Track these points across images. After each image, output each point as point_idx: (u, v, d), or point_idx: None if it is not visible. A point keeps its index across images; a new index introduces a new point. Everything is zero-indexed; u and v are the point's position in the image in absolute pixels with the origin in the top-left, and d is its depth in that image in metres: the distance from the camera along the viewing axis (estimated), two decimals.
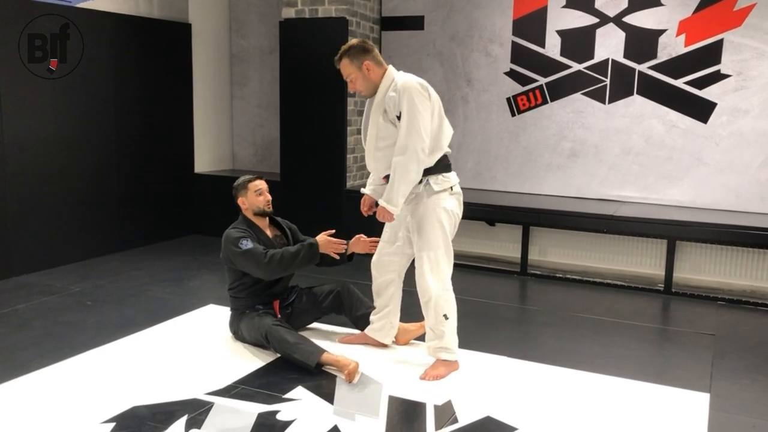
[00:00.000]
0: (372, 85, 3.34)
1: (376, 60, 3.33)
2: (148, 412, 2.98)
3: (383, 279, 3.63)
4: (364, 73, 3.31)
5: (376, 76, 3.32)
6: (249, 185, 3.76)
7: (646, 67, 5.56)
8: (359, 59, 3.30)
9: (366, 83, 3.34)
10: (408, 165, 3.20)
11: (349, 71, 3.35)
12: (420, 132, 3.19)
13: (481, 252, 5.96)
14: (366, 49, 3.32)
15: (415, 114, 3.19)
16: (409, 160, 3.20)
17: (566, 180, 5.97)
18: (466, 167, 6.24)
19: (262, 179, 3.82)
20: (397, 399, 3.17)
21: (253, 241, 3.64)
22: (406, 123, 3.19)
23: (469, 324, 4.19)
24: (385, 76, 3.33)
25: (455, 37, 6.20)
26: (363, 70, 3.31)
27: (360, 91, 3.38)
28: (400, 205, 3.26)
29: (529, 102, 6.00)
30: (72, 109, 5.46)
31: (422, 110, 3.21)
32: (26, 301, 4.52)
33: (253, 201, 3.76)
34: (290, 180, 6.25)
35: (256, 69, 7.07)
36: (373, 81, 3.32)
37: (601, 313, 4.63)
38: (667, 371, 3.65)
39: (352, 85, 3.37)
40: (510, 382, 3.41)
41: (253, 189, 3.75)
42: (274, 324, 3.55)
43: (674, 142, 5.55)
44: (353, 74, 3.34)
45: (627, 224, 5.17)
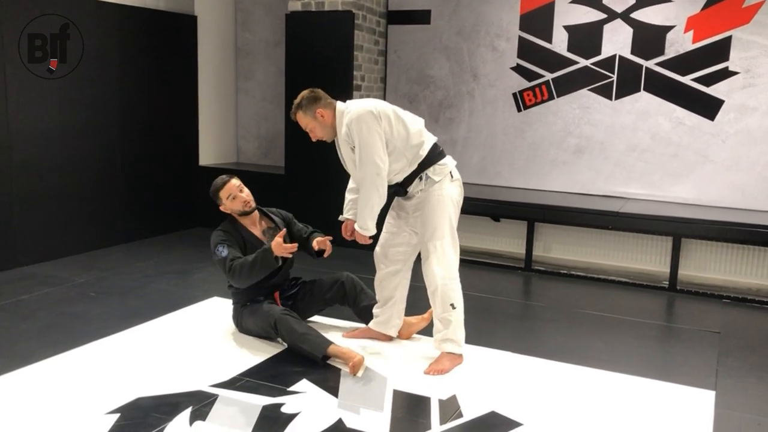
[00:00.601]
0: (330, 128, 3.43)
1: (326, 104, 3.41)
2: (152, 404, 2.98)
3: (388, 270, 3.62)
4: (320, 120, 3.40)
5: (331, 119, 3.41)
6: (220, 194, 3.68)
7: (654, 64, 5.53)
8: (311, 109, 3.39)
9: (324, 129, 3.43)
10: (368, 194, 3.32)
11: (305, 122, 3.44)
12: (372, 159, 3.27)
13: (486, 248, 5.95)
14: (316, 98, 3.41)
15: (365, 144, 3.27)
16: (368, 189, 3.31)
17: (571, 176, 5.95)
18: (471, 162, 6.22)
19: (232, 179, 3.71)
20: (401, 393, 3.17)
21: (231, 246, 3.60)
22: (358, 154, 3.30)
23: (474, 319, 4.16)
24: (336, 114, 3.40)
25: (462, 31, 6.18)
26: (318, 118, 3.40)
27: (321, 137, 3.47)
28: (372, 228, 3.38)
29: (536, 97, 5.98)
30: (77, 101, 5.45)
31: (370, 138, 3.27)
32: (30, 292, 4.52)
33: (230, 206, 3.70)
34: (294, 173, 6.24)
35: (262, 62, 7.05)
36: (329, 125, 3.42)
37: (606, 309, 4.62)
38: (672, 368, 3.63)
39: (313, 134, 3.47)
40: (515, 377, 3.40)
41: (225, 196, 3.68)
42: (283, 313, 3.55)
43: (680, 139, 5.52)
44: (310, 124, 3.43)
45: (632, 221, 5.15)
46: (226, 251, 3.57)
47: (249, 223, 3.75)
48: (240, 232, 3.70)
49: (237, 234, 3.68)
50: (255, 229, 3.76)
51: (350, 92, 5.91)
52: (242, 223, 3.74)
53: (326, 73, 5.92)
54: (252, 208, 3.72)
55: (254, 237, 3.72)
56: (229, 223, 3.73)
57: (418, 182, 3.38)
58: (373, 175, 3.28)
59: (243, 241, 3.68)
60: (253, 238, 3.72)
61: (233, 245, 3.62)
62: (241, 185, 3.72)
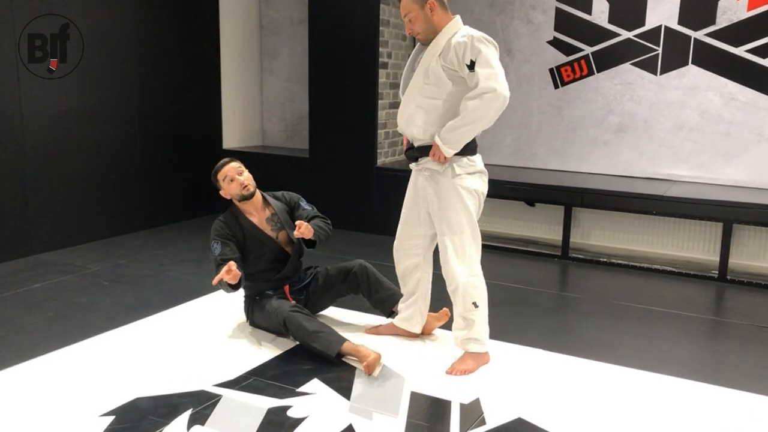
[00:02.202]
0: (432, 29, 2.98)
1: (441, 2, 2.99)
2: (151, 405, 2.77)
3: (407, 264, 3.35)
4: (426, 13, 2.96)
5: (439, 21, 2.97)
6: (218, 176, 3.46)
7: (703, 34, 5.12)
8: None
9: (426, 25, 2.97)
10: (478, 113, 2.86)
11: (409, 9, 2.98)
12: (503, 80, 2.85)
13: (520, 234, 5.62)
14: None
15: (497, 64, 2.85)
16: (483, 108, 2.85)
17: (613, 157, 5.61)
18: (504, 143, 5.89)
19: (232, 161, 3.48)
20: (419, 396, 2.90)
21: (225, 241, 3.36)
22: (488, 67, 2.84)
23: (504, 312, 3.90)
24: (450, 23, 2.98)
25: (494, 3, 5.84)
26: (426, 9, 2.95)
27: (417, 33, 3.02)
28: (458, 149, 2.96)
29: (574, 73, 5.63)
30: (94, 84, 5.28)
31: (498, 62, 2.88)
32: (43, 281, 4.38)
33: (228, 189, 3.46)
34: (319, 156, 6.00)
35: (286, 41, 6.80)
36: (434, 25, 2.97)
37: (649, 302, 4.28)
38: (723, 369, 3.30)
39: (410, 25, 3.01)
40: (545, 378, 3.10)
41: (222, 178, 3.45)
42: (292, 310, 3.30)
43: (733, 117, 5.12)
44: (414, 12, 2.97)
45: (678, 205, 4.81)
46: (219, 248, 3.33)
47: (251, 209, 3.50)
48: (239, 221, 3.46)
49: (236, 224, 3.45)
50: (255, 217, 3.50)
51: (376, 69, 5.62)
52: (243, 210, 3.49)
53: (351, 50, 5.67)
54: (250, 192, 3.45)
55: (254, 227, 3.47)
56: (229, 212, 3.50)
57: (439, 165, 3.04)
58: (505, 94, 2.84)
59: (242, 232, 3.44)
60: (253, 228, 3.47)
61: (228, 240, 3.38)
62: (240, 168, 3.47)
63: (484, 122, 2.92)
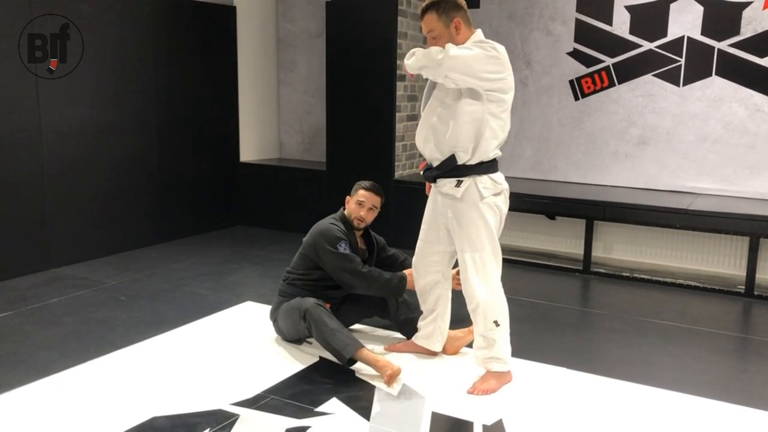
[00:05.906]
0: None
1: (466, 19, 2.91)
2: (167, 424, 2.73)
3: (426, 281, 3.29)
4: (451, 32, 2.87)
5: (463, 39, 2.89)
6: (359, 190, 3.55)
7: (727, 45, 5.02)
8: (449, 15, 2.87)
9: (450, 43, 2.85)
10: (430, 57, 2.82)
11: (433, 26, 2.89)
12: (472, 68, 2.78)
13: (540, 248, 5.53)
14: (459, 5, 2.90)
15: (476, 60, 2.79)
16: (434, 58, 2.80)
17: (635, 170, 5.50)
18: (524, 156, 5.82)
19: (379, 195, 3.56)
20: (440, 416, 2.83)
21: (350, 247, 3.46)
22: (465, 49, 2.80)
23: (525, 329, 3.81)
24: (471, 38, 2.90)
25: (513, 15, 5.77)
26: (451, 28, 2.87)
27: None
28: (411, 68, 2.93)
29: (595, 84, 5.54)
30: (111, 96, 5.29)
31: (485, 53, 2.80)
32: (60, 295, 4.36)
33: (351, 209, 3.57)
34: (337, 169, 5.96)
35: (304, 54, 6.79)
36: (457, 42, 2.88)
37: (674, 318, 4.17)
38: (753, 389, 3.19)
39: (433, 42, 2.90)
40: (569, 398, 3.02)
41: (357, 197, 3.54)
42: (317, 304, 3.31)
43: (758, 129, 5.01)
44: (438, 30, 2.88)
45: (703, 219, 4.69)
46: (349, 250, 3.44)
47: (356, 234, 3.61)
48: (349, 234, 3.53)
49: (349, 234, 3.53)
50: (356, 239, 3.60)
51: (394, 82, 5.58)
52: (353, 226, 3.58)
53: (368, 63, 5.63)
54: (359, 228, 3.57)
55: (357, 249, 3.57)
56: (343, 219, 3.57)
57: (459, 183, 2.96)
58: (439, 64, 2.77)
59: (352, 249, 3.51)
60: (357, 249, 3.55)
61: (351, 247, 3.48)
62: (377, 205, 3.57)
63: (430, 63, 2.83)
